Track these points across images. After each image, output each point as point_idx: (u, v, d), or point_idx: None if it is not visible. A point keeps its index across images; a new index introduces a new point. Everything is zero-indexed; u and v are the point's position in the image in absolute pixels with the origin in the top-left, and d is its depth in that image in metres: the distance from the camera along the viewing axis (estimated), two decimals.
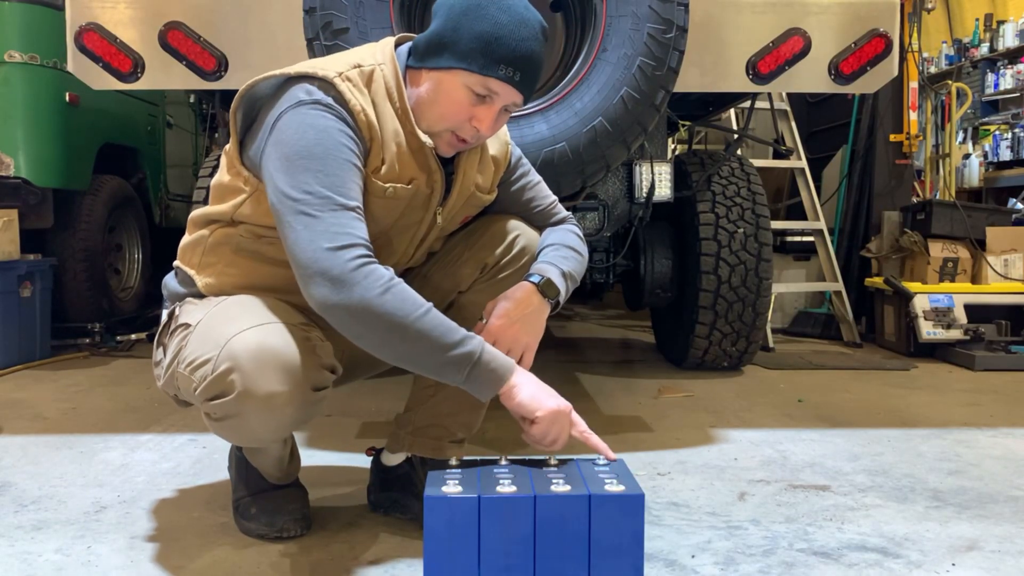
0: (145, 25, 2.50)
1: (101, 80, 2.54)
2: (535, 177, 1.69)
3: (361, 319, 1.28)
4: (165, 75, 2.54)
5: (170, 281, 1.62)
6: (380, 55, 1.47)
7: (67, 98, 3.93)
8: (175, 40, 2.49)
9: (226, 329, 1.37)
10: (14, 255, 3.63)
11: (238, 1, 2.51)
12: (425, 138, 1.44)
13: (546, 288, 1.51)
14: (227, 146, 1.53)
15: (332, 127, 1.36)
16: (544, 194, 1.69)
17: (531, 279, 1.53)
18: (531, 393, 1.36)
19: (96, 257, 4.23)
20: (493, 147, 1.60)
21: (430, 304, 1.32)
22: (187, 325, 1.47)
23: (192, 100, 5.61)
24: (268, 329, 1.36)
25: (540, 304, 1.51)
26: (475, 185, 1.57)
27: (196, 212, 1.57)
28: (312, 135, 1.34)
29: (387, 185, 1.44)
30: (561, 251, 1.60)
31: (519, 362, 1.48)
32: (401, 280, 1.32)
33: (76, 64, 2.53)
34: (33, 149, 3.79)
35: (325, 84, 1.39)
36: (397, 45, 1.51)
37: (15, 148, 3.75)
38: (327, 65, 1.43)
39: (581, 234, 1.68)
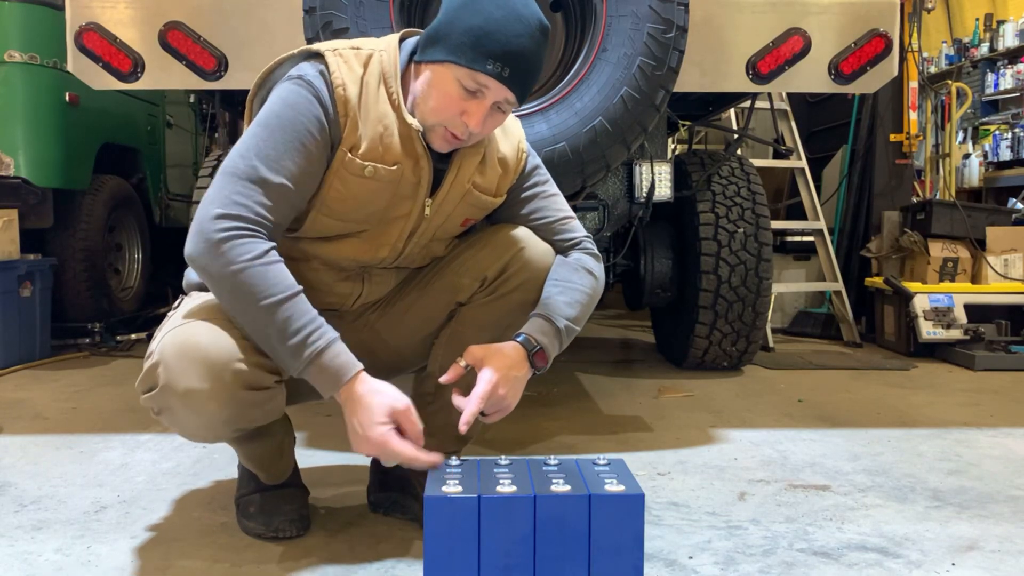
0: (145, 25, 2.50)
1: (101, 80, 2.54)
2: (551, 189, 1.65)
3: (215, 287, 1.34)
4: (165, 75, 2.54)
5: (189, 271, 1.62)
6: (383, 44, 1.49)
7: (67, 98, 3.93)
8: (175, 40, 2.49)
9: (169, 324, 1.42)
10: (14, 255, 3.63)
11: (238, 1, 2.51)
12: (412, 120, 1.44)
13: (535, 358, 1.46)
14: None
15: (301, 104, 1.40)
16: (557, 208, 1.64)
17: (521, 342, 1.46)
18: (352, 424, 1.35)
19: (96, 257, 4.23)
20: (504, 149, 1.58)
21: (294, 290, 1.33)
22: (169, 317, 1.51)
23: (192, 100, 5.61)
24: (200, 326, 1.38)
25: (527, 371, 1.47)
26: (473, 183, 1.55)
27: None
28: (278, 108, 1.41)
29: (366, 164, 1.44)
30: (565, 295, 1.53)
31: (490, 417, 1.45)
32: (271, 260, 1.33)
33: (76, 64, 2.53)
34: (33, 149, 3.79)
35: (317, 57, 1.44)
36: (404, 39, 1.52)
37: (15, 148, 3.75)
38: (328, 44, 1.47)
39: (595, 266, 1.60)
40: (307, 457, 2.15)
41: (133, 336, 4.15)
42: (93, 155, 4.22)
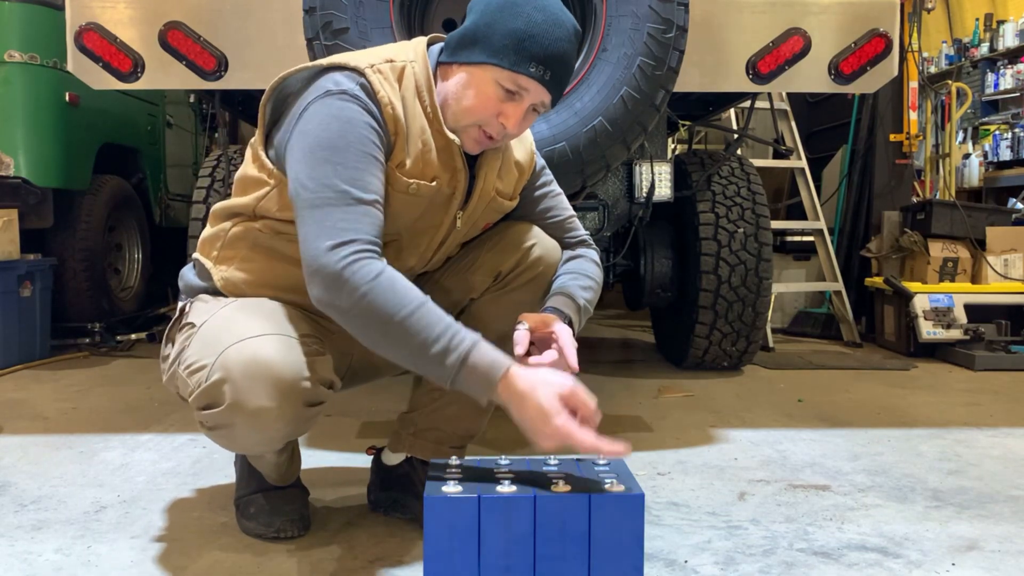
0: (145, 25, 2.50)
1: (101, 80, 2.54)
2: (556, 188, 1.69)
3: (349, 320, 1.29)
4: (165, 75, 2.54)
5: (187, 273, 1.61)
6: (412, 53, 1.47)
7: (67, 98, 3.93)
8: (175, 40, 2.49)
9: (225, 336, 1.36)
10: (14, 255, 3.63)
11: (238, 1, 2.51)
12: (452, 136, 1.44)
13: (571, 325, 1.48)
14: (253, 139, 1.53)
15: (357, 118, 1.36)
16: (564, 206, 1.69)
17: (558, 315, 1.47)
18: (523, 418, 1.26)
19: (96, 257, 4.23)
20: (518, 153, 1.59)
21: (421, 300, 1.28)
22: (192, 324, 1.46)
23: (192, 100, 5.61)
24: (265, 341, 1.35)
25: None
26: (495, 190, 1.56)
27: (219, 204, 1.56)
28: (336, 127, 1.35)
29: (411, 181, 1.43)
30: (579, 280, 1.58)
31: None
32: (393, 275, 1.29)
33: (76, 64, 2.53)
34: (33, 149, 3.79)
35: (356, 74, 1.40)
36: (428, 45, 1.51)
37: (15, 148, 3.75)
38: (359, 58, 1.44)
39: (598, 260, 1.66)
40: (307, 457, 2.14)
41: (133, 336, 4.15)
42: (93, 155, 4.22)
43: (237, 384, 1.31)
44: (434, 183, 1.46)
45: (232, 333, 1.36)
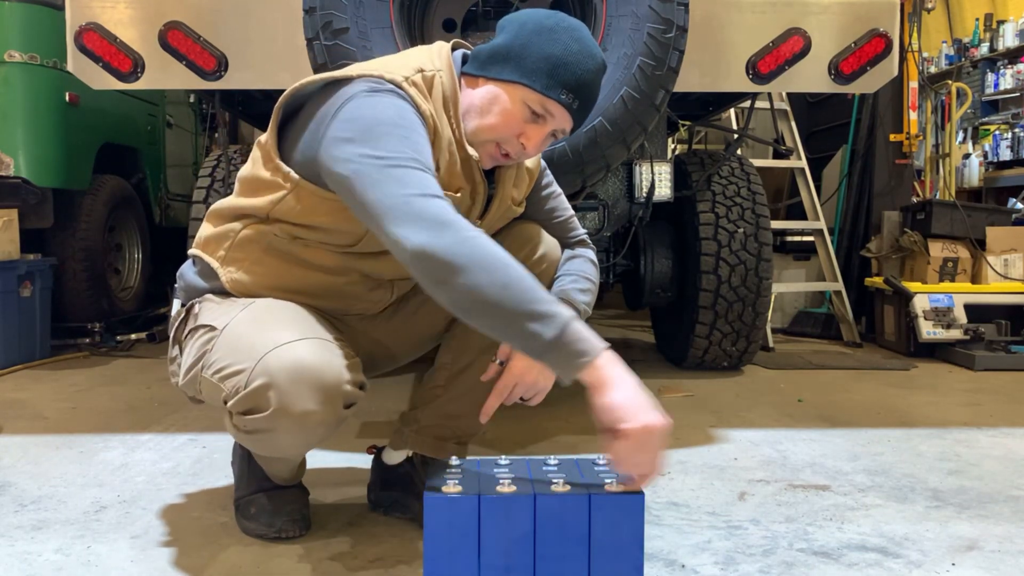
0: (145, 25, 2.50)
1: (101, 80, 2.54)
2: (557, 188, 1.71)
3: (457, 259, 1.18)
4: (165, 75, 2.54)
5: (187, 272, 1.59)
6: (438, 61, 1.45)
7: (67, 98, 3.93)
8: (175, 40, 2.49)
9: (261, 339, 1.34)
10: (14, 255, 3.63)
11: (238, 1, 2.51)
12: (471, 151, 1.44)
13: None
14: (261, 138, 1.49)
15: (408, 108, 1.35)
16: (565, 206, 1.71)
17: None
18: (625, 396, 1.18)
19: (96, 257, 4.23)
20: (529, 160, 1.61)
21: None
22: (211, 327, 1.44)
23: (192, 100, 5.61)
24: (305, 345, 1.34)
25: None
26: (511, 198, 1.59)
27: (223, 203, 1.53)
28: (393, 111, 1.32)
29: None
30: (579, 283, 1.60)
31: (531, 400, 1.48)
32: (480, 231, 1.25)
33: (76, 64, 2.53)
34: (33, 149, 3.79)
35: (394, 86, 1.37)
36: (452, 49, 1.50)
37: (15, 148, 3.75)
38: (390, 67, 1.41)
39: (596, 259, 1.69)
40: (307, 457, 2.14)
41: (133, 336, 4.15)
42: (93, 155, 4.22)
43: (282, 389, 1.30)
44: (459, 194, 1.46)
45: (268, 336, 1.35)
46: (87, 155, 4.18)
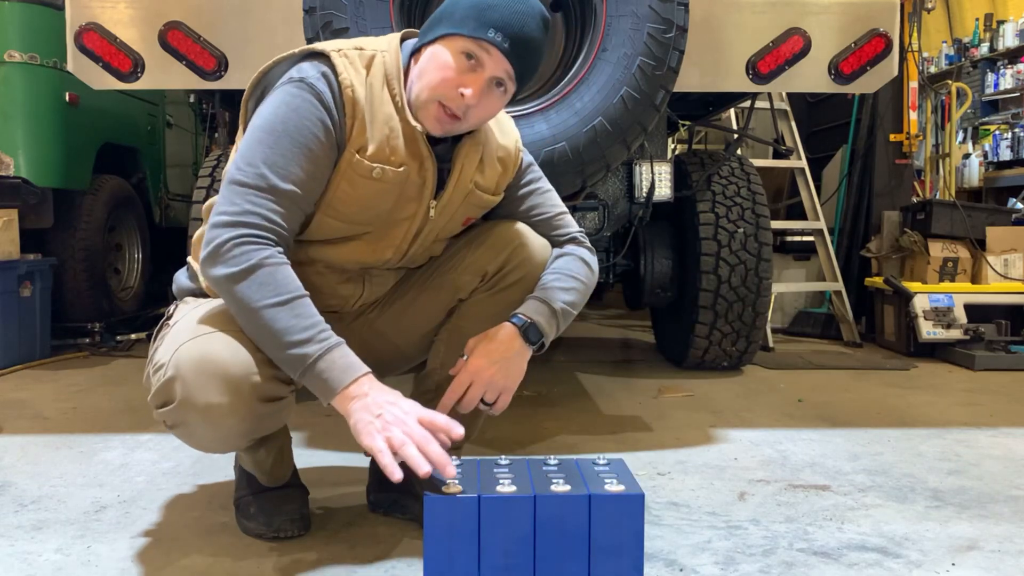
0: (145, 25, 2.50)
1: (101, 80, 2.54)
2: (544, 185, 1.69)
3: (221, 296, 1.35)
4: (165, 75, 2.54)
5: (180, 276, 1.63)
6: (385, 44, 1.50)
7: (67, 98, 3.93)
8: (175, 40, 2.49)
9: (182, 336, 1.38)
10: (14, 255, 3.63)
11: (238, 1, 2.51)
12: (416, 124, 1.45)
13: (528, 332, 1.50)
14: (238, 134, 1.53)
15: (305, 108, 1.39)
16: (552, 203, 1.68)
17: (515, 320, 1.51)
18: (356, 422, 1.30)
19: (96, 257, 4.23)
20: (502, 148, 1.60)
21: (297, 294, 1.33)
22: (168, 325, 1.49)
23: (192, 100, 5.61)
24: (215, 339, 1.36)
25: (521, 348, 1.50)
26: (474, 183, 1.56)
27: (208, 203, 1.55)
28: (282, 113, 1.40)
29: (375, 165, 1.45)
30: (562, 281, 1.57)
31: (494, 404, 1.50)
32: (280, 264, 1.33)
33: (76, 64, 2.53)
34: (33, 149, 3.79)
35: (322, 57, 1.43)
36: (404, 39, 1.53)
37: (15, 148, 3.75)
38: (331, 44, 1.47)
39: (590, 258, 1.65)
40: (307, 457, 2.15)
41: (133, 336, 4.15)
42: (93, 155, 4.22)
43: (187, 380, 1.33)
44: (402, 169, 1.47)
45: (190, 332, 1.39)
46: (87, 155, 4.17)
